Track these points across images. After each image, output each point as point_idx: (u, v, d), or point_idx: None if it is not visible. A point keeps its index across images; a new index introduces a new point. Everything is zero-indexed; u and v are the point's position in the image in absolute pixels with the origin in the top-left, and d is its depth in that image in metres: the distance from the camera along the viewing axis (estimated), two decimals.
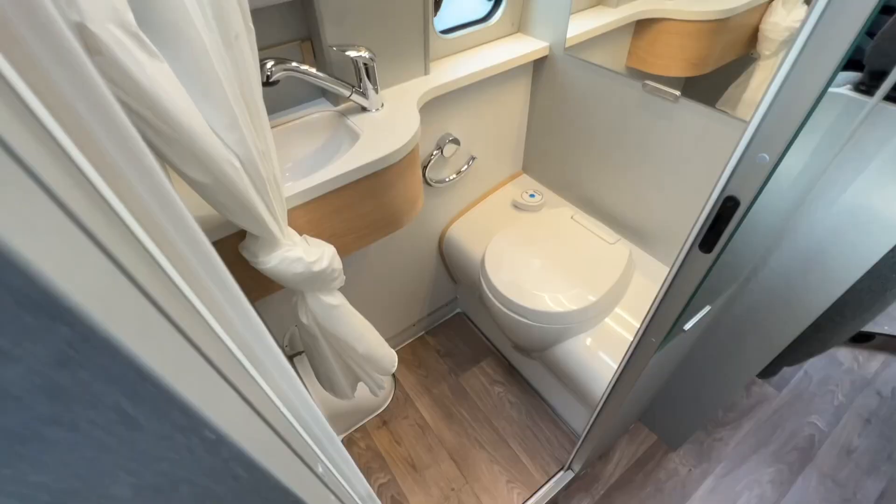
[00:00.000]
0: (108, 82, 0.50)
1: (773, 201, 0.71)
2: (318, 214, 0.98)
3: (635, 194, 1.47)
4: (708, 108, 1.19)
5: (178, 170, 0.64)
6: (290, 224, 0.88)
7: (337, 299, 0.98)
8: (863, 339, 2.07)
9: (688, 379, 1.52)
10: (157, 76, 0.53)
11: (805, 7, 1.28)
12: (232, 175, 0.67)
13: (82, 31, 0.47)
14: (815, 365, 2.02)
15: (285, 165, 1.14)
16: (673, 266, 0.72)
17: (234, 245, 0.86)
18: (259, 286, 0.98)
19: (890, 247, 0.87)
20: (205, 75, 0.59)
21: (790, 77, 0.50)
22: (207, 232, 0.85)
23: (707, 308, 1.01)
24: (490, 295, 1.43)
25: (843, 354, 2.05)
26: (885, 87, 0.73)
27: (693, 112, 1.21)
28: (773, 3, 1.26)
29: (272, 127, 1.06)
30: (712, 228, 0.63)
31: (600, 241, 1.51)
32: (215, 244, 0.84)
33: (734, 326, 1.27)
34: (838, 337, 1.42)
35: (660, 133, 1.30)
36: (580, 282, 1.39)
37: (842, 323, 1.29)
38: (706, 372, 1.45)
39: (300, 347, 1.59)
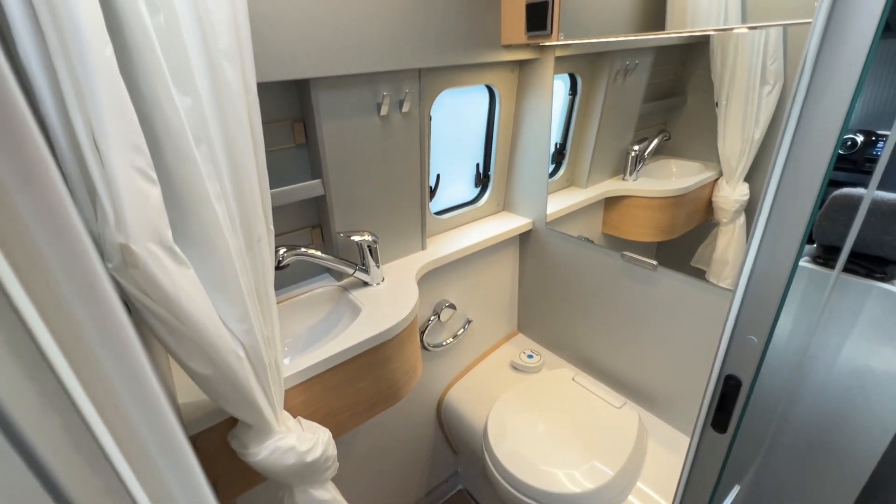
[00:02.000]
0: (137, 291, 0.55)
1: (774, 374, 0.72)
2: (314, 393, 0.96)
3: (631, 355, 1.47)
4: (686, 276, 1.28)
5: (183, 363, 0.64)
6: (286, 404, 0.85)
7: (328, 492, 0.88)
8: None
9: None
10: (183, 282, 0.58)
11: (746, 184, 1.50)
12: (235, 365, 0.67)
13: (124, 250, 0.53)
14: None
15: (285, 340, 1.15)
16: (689, 450, 0.68)
17: (222, 433, 0.82)
18: (243, 478, 0.89)
19: None
20: (226, 275, 0.64)
21: (758, 261, 0.56)
22: (198, 420, 0.81)
23: (737, 488, 0.92)
24: (495, 471, 1.30)
25: None
26: (841, 261, 0.81)
27: (672, 279, 1.30)
28: (719, 181, 1.47)
29: (279, 302, 1.11)
30: (721, 408, 0.62)
31: (606, 406, 1.45)
32: (203, 433, 0.80)
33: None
34: None
35: (644, 298, 1.37)
36: (593, 453, 1.28)
37: None
38: None
39: None
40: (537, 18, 1.18)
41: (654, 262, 1.33)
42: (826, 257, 0.89)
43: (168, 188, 0.59)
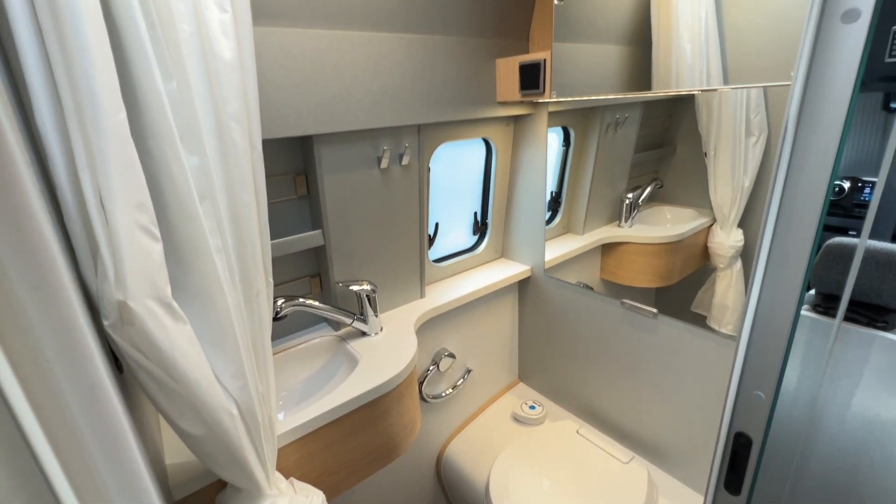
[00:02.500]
0: (132, 349, 0.54)
1: (785, 429, 0.69)
2: (309, 450, 0.92)
3: (636, 405, 1.43)
4: (687, 324, 1.27)
5: (174, 423, 0.62)
6: (279, 463, 0.81)
7: None
8: None
9: None
10: (179, 339, 0.57)
11: (740, 230, 1.52)
12: (227, 424, 0.65)
13: (122, 308, 0.52)
14: None
15: (280, 394, 1.12)
16: None
17: (210, 497, 0.77)
18: None
19: None
20: (223, 330, 0.64)
21: (759, 311, 0.55)
22: (185, 483, 0.77)
23: None
24: None
25: None
26: (841, 310, 0.81)
27: (673, 327, 1.29)
28: (713, 227, 1.49)
29: (275, 354, 1.08)
30: (733, 468, 0.59)
31: (613, 461, 1.39)
32: (190, 497, 0.75)
33: None
34: None
35: (645, 346, 1.35)
36: None
37: None
38: None
39: None
40: (530, 78, 1.25)
41: (654, 310, 1.32)
42: (826, 306, 0.89)
43: (170, 243, 0.60)
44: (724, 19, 1.04)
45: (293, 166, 1.11)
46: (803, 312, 0.89)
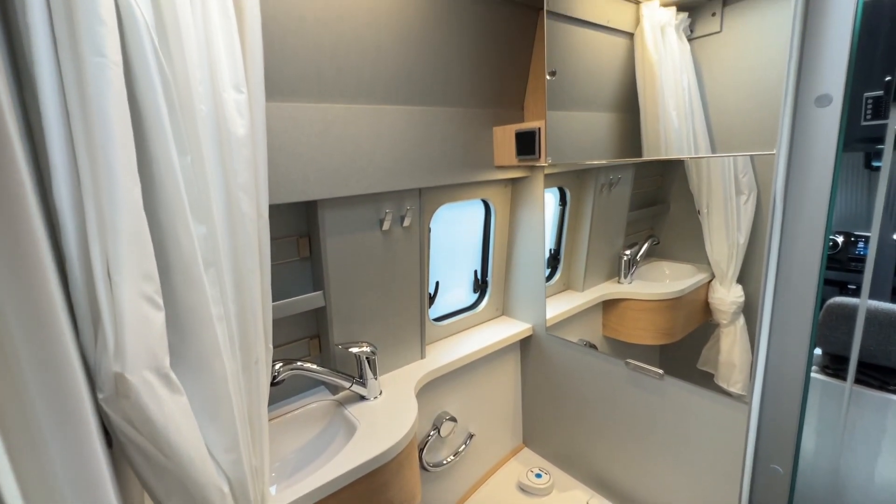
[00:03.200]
0: (124, 423, 0.52)
1: None
2: None
3: (647, 473, 1.35)
4: (695, 386, 1.23)
5: (161, 502, 0.59)
6: None
7: None
8: None
9: None
10: (173, 411, 0.55)
11: (740, 286, 1.52)
12: (217, 503, 0.61)
13: (118, 380, 0.51)
14: None
15: (273, 465, 1.06)
16: None
17: None
18: None
19: None
20: (219, 401, 0.62)
21: (768, 377, 0.54)
22: None
23: None
24: None
25: None
26: (850, 373, 0.80)
27: (681, 388, 1.25)
28: (713, 283, 1.49)
29: (270, 419, 1.04)
30: None
31: None
32: None
33: None
34: None
35: (653, 408, 1.31)
36: None
37: None
38: None
39: None
40: (526, 145, 1.31)
41: (661, 371, 1.29)
42: (835, 367, 0.87)
43: (172, 311, 0.60)
44: (707, 89, 1.11)
45: (297, 229, 1.13)
46: (813, 374, 0.87)
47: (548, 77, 1.28)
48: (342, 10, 0.97)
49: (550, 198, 1.66)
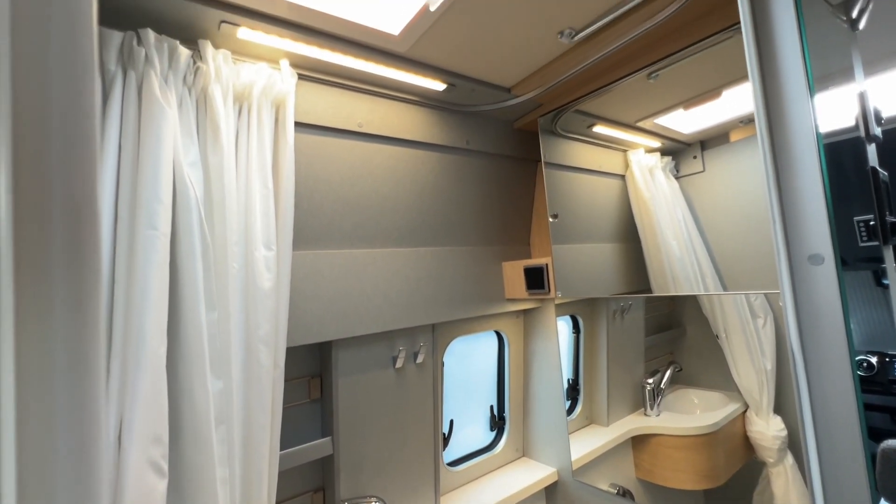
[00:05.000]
0: None
1: None
2: None
3: None
4: None
5: None
6: None
7: None
8: None
9: None
10: None
11: (779, 417, 1.41)
12: None
13: None
14: None
15: None
16: None
17: None
18: None
19: None
20: None
21: None
22: None
23: None
24: None
25: None
26: None
27: None
28: (748, 414, 1.38)
29: None
30: None
31: None
32: None
33: None
34: None
35: None
36: None
37: None
38: None
39: None
40: (536, 280, 1.36)
41: None
42: None
43: (176, 474, 0.57)
44: (702, 221, 1.17)
45: (309, 369, 1.12)
46: None
47: (550, 220, 1.38)
48: (364, 171, 1.10)
49: (563, 325, 1.65)
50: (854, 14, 0.70)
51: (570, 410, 1.62)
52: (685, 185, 1.22)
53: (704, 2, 0.84)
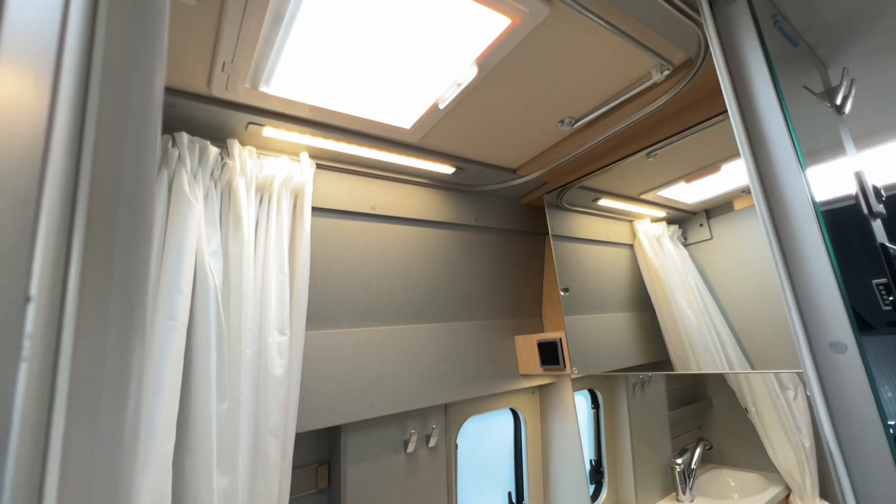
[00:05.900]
0: None
1: None
2: None
3: None
4: None
5: None
6: None
7: None
8: None
9: None
10: None
11: (826, 503, 1.28)
12: None
13: None
14: None
15: None
16: None
17: None
18: None
19: None
20: None
21: None
22: None
23: None
24: None
25: None
26: None
27: None
28: (791, 498, 1.26)
29: None
30: None
31: None
32: None
33: None
34: None
35: None
36: None
37: None
38: None
39: None
40: (550, 355, 1.33)
41: None
42: None
43: None
44: (716, 289, 1.15)
45: (317, 456, 1.08)
46: None
47: (562, 293, 1.38)
48: (376, 250, 1.13)
49: (582, 401, 1.58)
50: (838, 101, 0.75)
51: (595, 496, 1.51)
52: (694, 252, 1.22)
53: (694, 92, 0.90)
